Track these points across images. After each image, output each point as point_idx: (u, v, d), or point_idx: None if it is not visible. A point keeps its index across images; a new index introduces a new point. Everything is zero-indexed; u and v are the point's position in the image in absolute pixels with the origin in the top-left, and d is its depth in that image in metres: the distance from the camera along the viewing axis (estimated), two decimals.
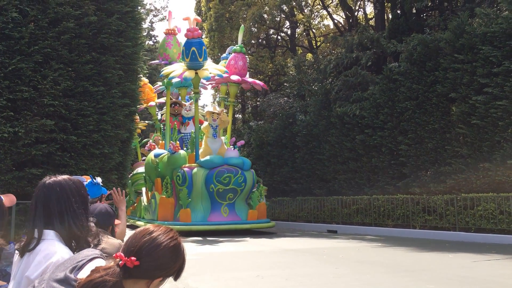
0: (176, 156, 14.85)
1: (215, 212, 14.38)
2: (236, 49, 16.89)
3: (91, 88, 8.41)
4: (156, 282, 1.56)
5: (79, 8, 8.37)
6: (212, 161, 14.45)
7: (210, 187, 14.19)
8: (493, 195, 11.55)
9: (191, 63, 14.69)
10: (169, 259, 1.56)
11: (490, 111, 12.02)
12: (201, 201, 14.31)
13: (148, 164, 16.24)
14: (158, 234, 1.57)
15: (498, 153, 11.75)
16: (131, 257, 1.50)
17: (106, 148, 8.64)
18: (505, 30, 12.00)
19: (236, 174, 14.34)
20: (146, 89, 20.31)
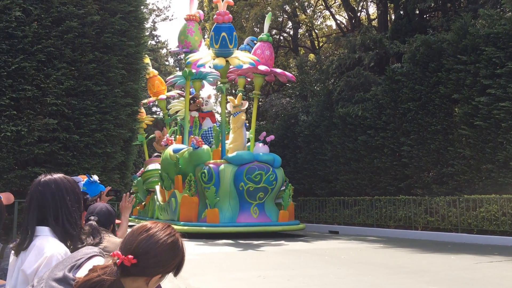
0: (199, 152, 13.74)
1: (244, 212, 13.30)
2: (263, 38, 15.70)
3: (93, 87, 8.42)
4: (155, 279, 1.56)
5: (82, 7, 8.38)
6: (242, 157, 13.33)
7: (240, 185, 13.12)
8: (495, 196, 11.52)
9: (221, 50, 13.56)
10: (167, 256, 1.55)
11: (493, 112, 12.00)
12: (229, 200, 13.26)
13: (166, 160, 14.96)
14: (156, 231, 1.57)
15: (501, 155, 11.72)
16: (128, 256, 1.50)
17: (108, 147, 8.65)
18: (509, 31, 11.97)
19: (268, 172, 13.22)
20: (156, 81, 19.37)
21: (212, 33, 13.74)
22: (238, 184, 13.12)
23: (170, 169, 14.63)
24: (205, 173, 13.31)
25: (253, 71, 15.32)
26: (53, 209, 2.11)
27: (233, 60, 13.62)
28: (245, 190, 13.12)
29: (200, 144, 13.62)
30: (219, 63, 13.42)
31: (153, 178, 17.16)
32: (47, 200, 2.11)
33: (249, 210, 13.31)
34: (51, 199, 2.12)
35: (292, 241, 11.93)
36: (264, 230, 13.13)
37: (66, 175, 2.27)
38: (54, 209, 2.11)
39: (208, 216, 13.05)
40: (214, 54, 13.83)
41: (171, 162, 14.50)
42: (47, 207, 2.11)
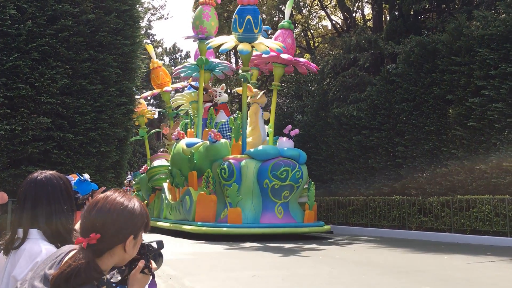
0: (217, 146, 12.63)
1: (268, 212, 12.14)
2: (284, 25, 14.43)
3: (88, 86, 8.39)
4: (129, 241, 1.57)
5: (77, 6, 8.35)
6: (266, 151, 12.24)
7: (264, 182, 11.98)
8: (488, 197, 11.60)
9: (245, 34, 12.40)
10: (125, 216, 1.57)
11: (487, 113, 12.07)
12: (252, 199, 12.10)
13: (178, 155, 13.78)
14: (103, 202, 1.59)
15: (494, 155, 11.80)
16: (90, 235, 1.52)
17: (103, 146, 8.62)
18: (502, 32, 12.05)
19: (294, 168, 12.11)
20: (160, 72, 18.37)
21: (236, 16, 12.55)
22: (262, 181, 12.03)
23: (183, 164, 13.54)
24: (225, 169, 12.23)
25: (273, 60, 14.04)
26: (46, 211, 2.05)
27: (259, 45, 12.45)
28: (269, 187, 12.00)
29: (218, 137, 12.59)
30: (245, 48, 12.21)
31: (160, 175, 16.04)
32: (40, 201, 2.06)
33: (273, 209, 12.16)
34: (46, 200, 2.06)
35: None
36: (290, 231, 12.11)
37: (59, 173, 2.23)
38: (47, 211, 2.05)
39: (229, 216, 11.94)
40: (236, 39, 12.67)
41: (184, 157, 13.45)
42: (40, 208, 2.05)
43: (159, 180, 16.04)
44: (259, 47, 12.46)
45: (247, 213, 11.94)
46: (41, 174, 2.14)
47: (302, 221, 12.42)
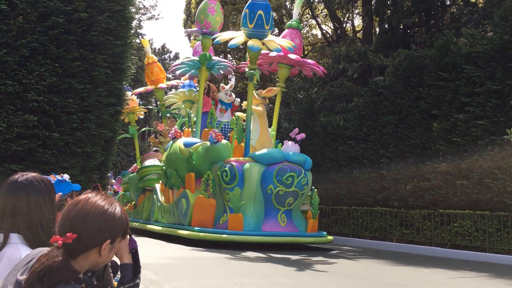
0: (218, 147, 11.93)
1: (270, 219, 11.51)
2: (292, 24, 13.91)
3: (77, 85, 8.29)
4: (106, 245, 1.56)
5: (70, 4, 8.26)
6: (272, 155, 11.63)
7: (268, 187, 11.37)
8: (469, 212, 11.78)
9: (255, 30, 11.76)
10: (104, 219, 1.56)
11: (471, 129, 12.28)
12: (254, 204, 11.45)
13: (174, 155, 13.13)
14: (84, 203, 1.58)
15: (477, 172, 12.00)
16: (67, 234, 1.50)
17: (88, 147, 8.52)
18: (489, 51, 12.30)
19: (300, 174, 11.52)
20: (155, 68, 17.58)
21: (247, 11, 11.93)
22: (266, 187, 11.41)
23: (180, 165, 12.85)
24: (227, 172, 11.57)
25: (279, 61, 13.43)
26: (27, 215, 2.00)
27: (270, 42, 11.90)
28: (274, 193, 11.37)
29: (219, 138, 11.88)
30: (255, 44, 11.54)
31: (152, 176, 15.33)
32: (21, 205, 2.00)
33: (276, 217, 11.54)
34: (26, 204, 2.01)
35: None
36: (293, 241, 11.48)
37: (42, 175, 2.17)
38: (28, 215, 2.00)
39: (230, 222, 11.27)
40: (245, 35, 12.03)
41: (182, 158, 12.78)
42: (20, 211, 2.00)
43: (150, 180, 15.34)
44: (270, 45, 11.90)
45: (249, 220, 11.27)
46: (22, 176, 2.09)
47: (305, 230, 11.81)
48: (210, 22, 13.93)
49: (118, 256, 1.72)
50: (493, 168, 11.58)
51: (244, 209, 11.28)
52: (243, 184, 11.46)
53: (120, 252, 1.71)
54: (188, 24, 26.79)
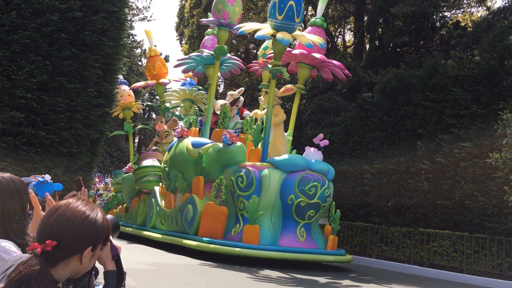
0: (232, 149, 10.77)
1: (288, 233, 10.40)
2: (317, 22, 12.74)
3: (67, 84, 8.23)
4: (87, 253, 1.54)
5: (65, 2, 8.22)
6: (294, 162, 10.57)
7: (289, 198, 10.24)
8: (448, 232, 11.93)
9: (284, 23, 10.64)
10: (86, 226, 1.54)
11: (454, 151, 12.47)
12: (271, 215, 10.36)
13: (181, 155, 11.96)
14: (64, 209, 1.55)
15: (458, 193, 12.18)
16: (46, 241, 1.47)
17: (74, 147, 8.45)
18: (476, 75, 12.55)
19: (323, 185, 10.43)
20: (157, 61, 16.30)
21: (276, 0, 10.83)
22: (286, 197, 10.30)
23: (187, 167, 11.67)
24: (243, 178, 10.38)
25: (300, 60, 12.26)
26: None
27: (301, 37, 10.82)
28: (294, 204, 10.24)
29: (234, 140, 10.78)
30: (286, 37, 10.39)
31: (151, 177, 13.96)
32: None
33: (295, 231, 10.44)
34: None
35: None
36: (313, 259, 10.36)
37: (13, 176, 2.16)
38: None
39: (245, 233, 10.10)
40: (272, 27, 10.91)
41: (190, 159, 11.59)
42: None
43: (148, 182, 13.93)
44: (301, 39, 10.80)
45: (265, 233, 10.15)
46: None
47: (324, 246, 10.67)
48: (229, 13, 12.65)
49: (101, 263, 1.71)
50: (474, 190, 11.77)
51: (260, 220, 10.16)
52: (260, 192, 10.28)
53: (103, 259, 1.69)
54: (181, 28, 26.78)
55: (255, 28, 11.22)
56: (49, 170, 7.46)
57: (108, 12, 8.97)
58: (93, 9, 8.68)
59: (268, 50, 14.09)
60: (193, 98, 15.64)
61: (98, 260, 1.69)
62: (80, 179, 3.93)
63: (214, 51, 13.18)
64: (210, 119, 12.90)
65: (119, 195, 16.17)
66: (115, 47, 9.22)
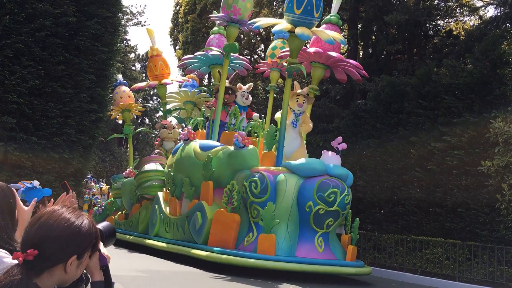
0: (244, 153, 10.12)
1: (305, 243, 9.63)
2: (331, 20, 12.01)
3: (59, 89, 8.20)
4: (72, 261, 1.50)
5: (59, 7, 8.20)
6: (313, 166, 9.82)
7: (307, 205, 9.49)
8: (441, 240, 11.95)
9: (303, 17, 9.87)
10: (69, 234, 1.50)
11: (447, 158, 12.52)
12: (287, 224, 9.61)
13: (188, 159, 11.28)
14: (47, 217, 1.51)
15: (450, 200, 12.22)
16: (28, 250, 1.44)
17: (66, 152, 8.40)
18: (469, 83, 12.63)
19: (343, 191, 9.74)
20: (160, 61, 15.37)
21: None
22: (303, 203, 9.57)
23: (195, 172, 11.00)
24: (257, 183, 9.66)
25: (314, 59, 11.48)
26: None
27: (321, 33, 10.15)
28: (313, 212, 9.53)
29: (246, 142, 10.11)
30: (305, 32, 9.63)
31: (154, 182, 13.12)
32: None
33: (312, 240, 9.67)
34: None
35: None
36: (332, 271, 9.56)
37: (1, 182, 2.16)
38: None
39: (260, 243, 9.29)
40: (289, 22, 10.13)
41: (198, 163, 10.93)
42: None
43: (151, 188, 13.11)
44: (322, 34, 10.13)
45: (281, 242, 9.39)
46: None
47: (343, 258, 9.88)
48: (240, 9, 11.96)
49: (88, 273, 1.66)
50: (466, 198, 11.82)
51: (276, 229, 9.42)
52: (275, 199, 9.57)
53: (90, 269, 1.64)
54: (175, 33, 26.78)
55: (273, 23, 10.49)
56: (41, 175, 7.40)
57: (102, 17, 8.97)
58: (87, 14, 8.66)
59: (276, 50, 13.65)
60: (195, 101, 15.08)
61: (86, 270, 1.64)
62: (66, 183, 3.89)
63: (224, 48, 12.41)
64: (219, 121, 12.12)
65: (118, 201, 15.33)
66: (108, 53, 9.20)
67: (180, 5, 27.33)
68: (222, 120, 12.56)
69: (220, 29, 14.14)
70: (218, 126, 12.09)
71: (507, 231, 10.62)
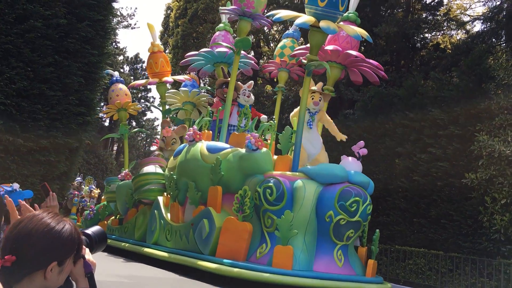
0: (257, 156, 9.24)
1: (324, 256, 8.65)
2: (350, 17, 11.11)
3: (48, 91, 8.13)
4: (52, 267, 1.48)
5: (50, 9, 8.15)
6: (333, 172, 8.88)
7: (327, 214, 8.52)
8: (424, 251, 12.08)
9: (327, 10, 9.03)
10: (48, 240, 1.47)
11: (431, 170, 12.69)
12: (305, 235, 8.68)
13: (193, 162, 10.45)
14: (26, 222, 1.49)
15: (434, 211, 12.38)
16: (5, 256, 1.42)
17: (52, 155, 8.32)
18: (454, 96, 12.84)
19: (365, 200, 8.72)
20: (161, 58, 14.46)
21: None
22: (323, 213, 8.65)
23: (202, 175, 10.12)
24: (272, 189, 8.76)
25: (330, 58, 10.60)
26: None
27: (347, 27, 9.41)
28: (333, 223, 8.57)
29: (260, 145, 9.29)
30: (331, 26, 8.82)
31: (153, 186, 12.12)
32: None
33: (331, 253, 8.73)
34: None
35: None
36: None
37: None
38: None
39: (275, 256, 8.35)
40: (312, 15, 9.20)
41: (205, 166, 10.06)
42: None
43: (150, 192, 12.11)
44: (348, 29, 9.36)
45: (298, 255, 8.46)
46: None
47: (362, 273, 9.05)
48: (253, 2, 11.12)
49: (73, 280, 1.63)
50: (450, 210, 11.99)
51: (292, 241, 8.51)
52: (292, 207, 8.69)
53: (75, 276, 1.61)
54: (165, 37, 26.75)
55: (294, 15, 9.51)
56: (25, 178, 7.32)
57: (94, 20, 8.93)
58: (78, 17, 8.62)
59: (286, 49, 12.97)
60: (195, 101, 14.33)
61: (70, 277, 1.60)
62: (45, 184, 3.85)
63: (236, 44, 11.43)
64: (227, 121, 11.25)
65: (112, 205, 14.27)
66: (98, 56, 9.16)
67: (171, 9, 27.31)
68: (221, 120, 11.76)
69: (226, 25, 13.39)
70: (226, 127, 11.23)
71: (489, 243, 10.79)
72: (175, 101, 14.38)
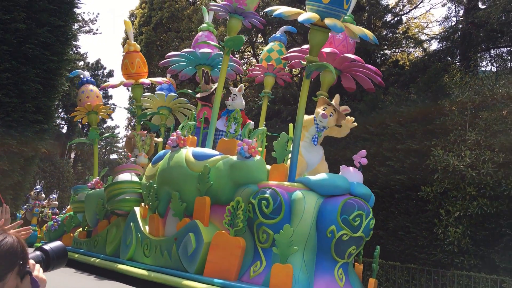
0: (250, 164, 8.42)
1: (324, 275, 7.80)
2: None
3: (3, 98, 7.83)
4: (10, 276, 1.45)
5: (8, 13, 7.88)
6: (335, 183, 8.06)
7: (329, 229, 7.71)
8: (381, 262, 12.29)
9: (331, 8, 8.26)
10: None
11: (390, 183, 13.03)
12: (304, 252, 7.82)
13: (178, 168, 9.47)
14: None
15: (392, 223, 12.69)
16: None
17: (6, 164, 8.00)
18: (412, 112, 13.28)
19: (368, 214, 7.93)
20: (137, 59, 13.38)
21: None
22: (324, 228, 7.83)
23: (187, 185, 9.19)
24: (268, 201, 7.91)
25: (326, 60, 9.58)
26: None
27: (354, 26, 8.55)
28: (335, 238, 7.74)
29: (253, 152, 8.49)
30: (338, 24, 8.04)
31: (128, 195, 11.08)
32: None
33: (332, 272, 7.89)
34: None
35: None
36: None
37: None
38: None
39: (273, 276, 7.40)
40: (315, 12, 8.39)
41: (191, 174, 9.14)
42: None
43: (125, 202, 11.05)
44: (354, 29, 8.51)
45: (297, 275, 7.60)
46: None
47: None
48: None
49: None
50: (406, 222, 12.33)
51: (291, 258, 7.61)
52: (290, 221, 7.85)
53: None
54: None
55: (295, 12, 8.71)
56: None
57: (54, 25, 8.70)
58: (38, 22, 8.38)
59: (273, 53, 12.43)
60: (171, 106, 13.60)
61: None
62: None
63: (226, 43, 10.51)
64: (215, 125, 10.46)
65: (79, 216, 13.15)
66: (58, 62, 8.92)
67: (135, 16, 26.98)
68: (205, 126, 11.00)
69: (209, 26, 12.81)
70: (213, 132, 10.36)
71: (443, 254, 11.15)
72: (150, 106, 13.60)
